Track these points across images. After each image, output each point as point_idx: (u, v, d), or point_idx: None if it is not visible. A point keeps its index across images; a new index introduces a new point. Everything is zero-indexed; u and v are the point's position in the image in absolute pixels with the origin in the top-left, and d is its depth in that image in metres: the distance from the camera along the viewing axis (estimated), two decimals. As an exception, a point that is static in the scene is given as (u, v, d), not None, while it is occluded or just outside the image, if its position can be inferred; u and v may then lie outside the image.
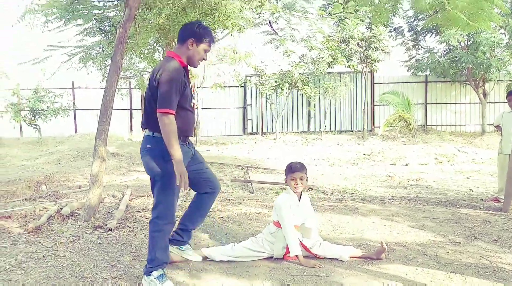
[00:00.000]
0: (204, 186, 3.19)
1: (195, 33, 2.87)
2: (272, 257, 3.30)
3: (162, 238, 2.85)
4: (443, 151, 11.89)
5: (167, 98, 2.68)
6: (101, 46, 8.26)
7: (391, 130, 15.03)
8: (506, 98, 5.53)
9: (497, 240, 3.71)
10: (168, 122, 2.66)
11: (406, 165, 10.64)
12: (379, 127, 15.45)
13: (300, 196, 3.38)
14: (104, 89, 4.44)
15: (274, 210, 3.33)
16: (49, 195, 6.13)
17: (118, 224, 4.21)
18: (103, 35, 7.46)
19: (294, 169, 3.31)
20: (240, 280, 2.90)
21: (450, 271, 3.00)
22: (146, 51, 13.34)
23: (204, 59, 2.99)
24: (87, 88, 16.08)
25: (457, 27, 7.45)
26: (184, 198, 5.58)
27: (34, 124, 14.49)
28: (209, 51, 3.00)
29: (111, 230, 4.00)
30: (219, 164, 10.08)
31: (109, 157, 11.47)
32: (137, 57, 12.02)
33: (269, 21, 11.57)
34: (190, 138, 3.11)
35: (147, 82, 13.09)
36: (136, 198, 5.70)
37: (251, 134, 15.90)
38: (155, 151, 2.79)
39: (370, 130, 15.70)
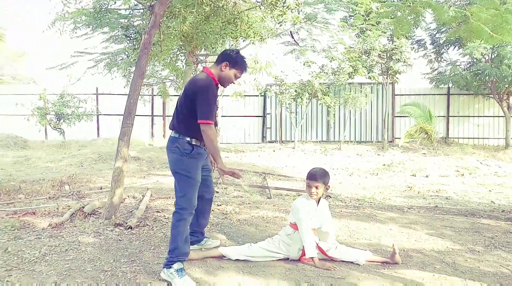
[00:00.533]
0: (202, 191, 3.39)
1: (231, 58, 3.20)
2: (288, 258, 3.33)
3: (184, 227, 3.08)
4: (465, 163, 11.68)
5: (207, 110, 3.02)
6: (126, 52, 8.49)
7: (411, 142, 14.85)
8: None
9: (517, 250, 3.65)
10: (211, 132, 3.03)
11: (427, 176, 10.49)
12: (399, 138, 15.29)
13: (319, 201, 3.41)
14: (128, 93, 4.58)
15: (292, 212, 3.37)
16: (72, 194, 6.30)
17: (138, 223, 4.31)
18: (128, 41, 7.69)
19: (310, 177, 3.35)
20: (256, 278, 2.94)
21: (468, 278, 2.98)
22: (169, 59, 13.64)
23: (233, 83, 3.32)
24: (110, 94, 16.45)
25: (480, 39, 7.42)
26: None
27: (58, 128, 14.87)
28: (239, 77, 3.31)
29: (131, 228, 4.09)
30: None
31: (130, 161, 11.67)
32: (160, 64, 12.27)
33: (290, 32, 11.68)
34: None
35: (169, 90, 13.36)
36: (155, 199, 5.81)
37: (269, 142, 15.95)
38: (180, 150, 3.11)
39: (391, 141, 15.56)
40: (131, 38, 7.36)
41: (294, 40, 11.84)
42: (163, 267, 2.97)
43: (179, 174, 3.13)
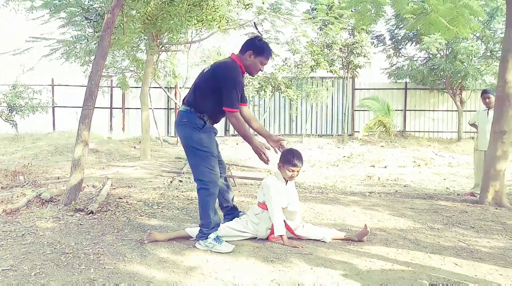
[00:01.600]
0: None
1: (254, 47, 3.17)
2: (256, 237, 3.32)
3: (213, 201, 3.15)
4: (421, 155, 12.14)
5: (234, 98, 3.05)
6: (85, 38, 8.16)
7: (370, 135, 15.25)
8: (481, 96, 5.72)
9: (473, 227, 3.82)
10: (237, 121, 3.10)
11: (385, 167, 10.81)
12: (359, 132, 15.67)
13: (287, 181, 3.41)
14: (89, 74, 4.41)
15: (261, 191, 3.35)
16: (27, 184, 6.01)
17: (100, 208, 4.17)
18: (88, 25, 7.39)
19: (297, 162, 3.29)
20: (224, 257, 2.91)
21: (429, 252, 3.08)
22: (130, 49, 13.29)
23: (261, 70, 3.31)
24: (67, 85, 15.82)
25: (437, 31, 7.68)
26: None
27: (11, 120, 14.14)
28: (266, 64, 3.28)
29: (92, 213, 3.95)
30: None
31: (89, 153, 11.27)
32: (120, 54, 11.93)
33: (254, 23, 11.61)
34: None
35: (129, 81, 12.92)
36: (116, 188, 5.64)
37: (233, 135, 15.88)
38: (191, 124, 3.14)
39: (350, 135, 15.91)
40: (92, 21, 7.08)
41: (258, 31, 11.66)
42: (198, 240, 3.09)
43: (195, 148, 3.13)
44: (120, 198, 4.76)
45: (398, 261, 2.87)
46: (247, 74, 3.35)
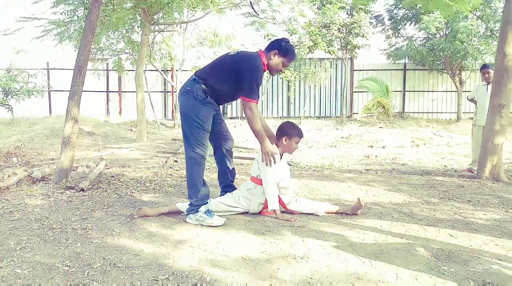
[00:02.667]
0: (221, 141, 3.46)
1: (281, 47, 3.20)
2: (248, 212, 3.26)
3: (201, 172, 3.12)
4: (420, 135, 12.07)
5: (254, 90, 3.06)
6: (77, 15, 7.98)
7: (369, 116, 15.15)
8: (480, 71, 5.61)
9: (470, 201, 3.76)
10: (252, 113, 3.07)
11: (383, 147, 10.74)
12: (357, 113, 15.58)
13: (281, 155, 3.34)
14: (78, 49, 4.30)
15: (256, 165, 3.27)
16: (20, 165, 5.94)
17: (91, 186, 4.11)
18: (79, 1, 7.21)
19: (302, 134, 3.34)
20: (214, 230, 2.86)
21: (424, 224, 3.02)
22: (125, 31, 13.09)
23: (282, 71, 3.40)
24: (62, 69, 15.64)
25: (436, 7, 7.52)
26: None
27: (6, 104, 14.01)
28: (287, 66, 3.34)
29: (83, 190, 3.89)
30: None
31: (84, 135, 11.22)
32: (116, 32, 11.73)
33: (250, 2, 11.45)
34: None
35: (124, 64, 12.76)
36: (110, 168, 5.58)
37: (230, 118, 15.78)
38: (193, 93, 3.12)
39: (349, 116, 15.80)
40: (82, -2, 6.91)
41: (254, 11, 11.63)
42: (188, 214, 3.06)
43: (190, 118, 3.11)
44: (112, 176, 4.70)
45: (392, 233, 2.81)
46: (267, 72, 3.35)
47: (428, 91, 16.28)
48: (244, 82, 3.06)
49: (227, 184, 3.55)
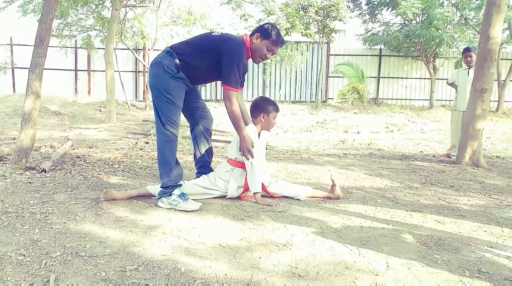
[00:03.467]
0: (198, 118, 3.22)
1: (263, 29, 2.93)
2: (225, 197, 3.05)
3: (171, 147, 2.87)
4: (394, 121, 12.11)
5: (234, 77, 2.80)
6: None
7: (343, 102, 15.11)
8: (462, 55, 5.53)
9: (452, 186, 3.68)
10: (231, 103, 2.82)
11: (358, 133, 10.70)
12: (332, 98, 15.52)
13: (259, 133, 3.14)
14: (40, 16, 3.92)
15: (234, 148, 3.05)
16: (-23, 144, 5.52)
17: (54, 167, 3.80)
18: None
19: (278, 108, 3.15)
20: (189, 215, 2.64)
21: (409, 210, 2.90)
22: (94, 6, 12.45)
23: (267, 58, 2.99)
24: (27, 45, 14.81)
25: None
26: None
27: (-35, 81, 13.22)
28: (273, 52, 2.99)
29: (45, 171, 3.59)
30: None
31: (50, 115, 10.70)
32: (85, 7, 11.14)
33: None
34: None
35: (94, 41, 12.16)
36: (76, 148, 5.24)
37: (205, 101, 15.39)
38: (164, 66, 2.85)
39: (324, 101, 15.72)
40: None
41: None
42: (160, 197, 2.81)
43: (159, 92, 2.85)
44: (78, 157, 4.39)
45: (377, 218, 2.67)
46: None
47: (402, 78, 16.36)
48: (223, 66, 2.81)
49: (203, 164, 3.31)
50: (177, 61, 2.86)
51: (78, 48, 14.79)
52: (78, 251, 2.02)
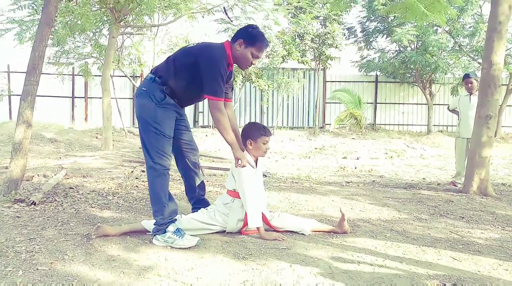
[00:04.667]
0: (186, 152, 3.04)
1: (246, 34, 2.73)
2: (225, 231, 2.87)
3: (165, 183, 2.71)
4: (393, 146, 12.01)
5: (217, 86, 2.63)
6: (37, 10, 7.39)
7: (341, 128, 15.05)
8: (463, 81, 5.46)
9: (463, 217, 3.51)
10: (220, 113, 2.66)
11: (357, 158, 10.57)
12: (329, 124, 15.46)
13: (257, 160, 2.97)
14: (33, 44, 3.82)
15: (231, 176, 2.89)
16: (-33, 174, 5.32)
17: (45, 199, 3.61)
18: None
19: (268, 131, 2.92)
20: (187, 253, 2.45)
21: (422, 245, 2.72)
22: (92, 34, 12.48)
23: (253, 64, 2.80)
24: (24, 72, 14.76)
25: (414, 17, 7.43)
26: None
27: (-40, 108, 13.09)
28: (259, 57, 2.79)
29: (34, 204, 3.40)
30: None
31: (46, 143, 10.52)
32: (82, 35, 11.14)
33: (224, 8, 11.13)
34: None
35: (92, 68, 12.15)
36: (70, 178, 5.06)
37: (202, 127, 15.34)
38: (149, 94, 2.69)
39: (321, 127, 15.67)
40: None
41: (228, 17, 11.31)
42: (154, 235, 2.63)
43: (146, 122, 2.69)
44: (71, 188, 4.20)
45: (389, 255, 2.49)
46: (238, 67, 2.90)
47: (399, 104, 16.38)
48: (203, 77, 2.63)
49: (197, 200, 3.13)
50: (161, 86, 2.70)
51: (75, 75, 14.78)
52: (64, 298, 1.83)
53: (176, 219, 2.71)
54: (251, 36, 2.72)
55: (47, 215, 3.15)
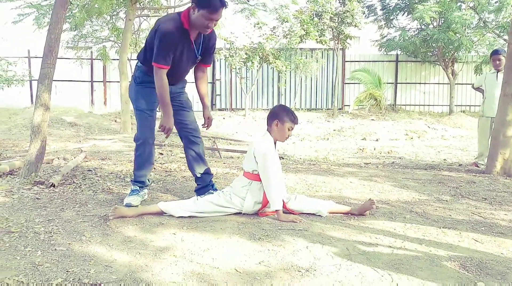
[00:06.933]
0: (185, 131, 3.21)
1: None
2: (241, 212, 2.86)
3: (140, 157, 3.11)
4: (413, 127, 11.79)
5: (161, 54, 2.79)
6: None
7: (360, 109, 14.82)
8: (490, 57, 5.25)
9: (485, 198, 3.41)
10: (158, 79, 2.82)
11: (377, 140, 10.43)
12: (348, 105, 15.24)
13: (275, 143, 2.94)
14: (48, 26, 3.82)
15: (250, 159, 2.85)
16: (-10, 157, 5.44)
17: (64, 181, 3.66)
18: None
19: (296, 119, 2.94)
20: (203, 234, 2.45)
21: (442, 227, 2.65)
22: (109, 18, 12.49)
23: (209, 27, 2.80)
24: (44, 57, 14.96)
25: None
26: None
27: (-16, 93, 13.35)
28: (214, 20, 2.75)
29: (54, 186, 3.44)
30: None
31: (66, 127, 10.70)
32: (100, 18, 11.16)
33: (240, -12, 10.97)
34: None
35: (109, 52, 12.22)
36: (89, 160, 5.12)
37: (219, 110, 15.31)
38: (134, 76, 3.09)
39: (340, 109, 15.45)
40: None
41: (246, -3, 11.14)
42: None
43: (132, 102, 3.14)
44: (89, 170, 4.25)
45: (408, 237, 2.43)
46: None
47: (420, 83, 15.99)
48: (154, 47, 2.81)
49: (198, 176, 3.25)
50: (144, 67, 2.99)
51: (94, 59, 14.87)
52: (81, 277, 1.85)
53: (142, 185, 3.15)
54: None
55: (66, 196, 3.19)
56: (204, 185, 3.23)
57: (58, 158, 5.33)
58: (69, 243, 2.26)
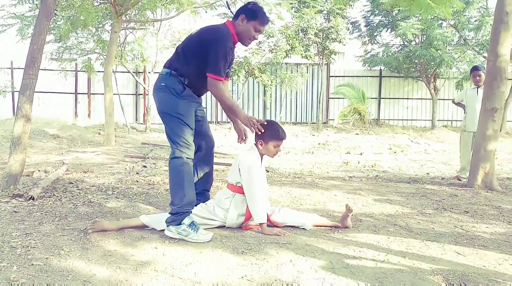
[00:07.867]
0: (199, 141, 2.99)
1: (247, 10, 2.79)
2: (224, 226, 2.82)
3: (189, 172, 2.72)
4: (397, 141, 11.92)
5: (219, 65, 2.66)
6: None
7: (345, 123, 14.97)
8: (470, 73, 5.36)
9: (467, 212, 3.44)
10: (219, 90, 2.70)
11: (361, 154, 10.50)
12: (333, 119, 15.37)
13: (262, 157, 2.93)
14: (31, 36, 3.78)
15: (235, 172, 2.83)
16: (-32, 169, 5.30)
17: (43, 194, 3.58)
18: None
19: (283, 136, 2.88)
20: (185, 248, 2.41)
21: (425, 240, 2.66)
22: (94, 30, 12.44)
23: (255, 39, 2.87)
24: (27, 68, 14.77)
25: (419, 9, 7.32)
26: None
27: (-36, 104, 13.11)
28: (261, 32, 2.85)
29: (33, 199, 3.37)
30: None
31: (48, 139, 10.51)
32: (85, 31, 11.10)
33: (226, 2, 11.06)
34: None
35: (95, 64, 12.09)
36: (71, 173, 5.03)
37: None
38: (169, 88, 2.75)
39: (325, 123, 15.58)
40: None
41: (231, 11, 11.18)
42: (169, 225, 2.60)
43: (170, 115, 2.74)
44: (70, 182, 4.17)
45: (392, 250, 2.43)
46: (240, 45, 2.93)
47: (403, 99, 16.26)
48: (209, 58, 2.66)
49: (200, 191, 3.06)
50: (179, 77, 2.76)
51: (78, 71, 14.75)
52: (58, 294, 1.79)
53: (191, 212, 2.69)
54: (252, 11, 2.78)
55: (45, 210, 3.12)
56: (204, 201, 3.03)
57: (39, 170, 5.22)
58: (47, 258, 2.19)
